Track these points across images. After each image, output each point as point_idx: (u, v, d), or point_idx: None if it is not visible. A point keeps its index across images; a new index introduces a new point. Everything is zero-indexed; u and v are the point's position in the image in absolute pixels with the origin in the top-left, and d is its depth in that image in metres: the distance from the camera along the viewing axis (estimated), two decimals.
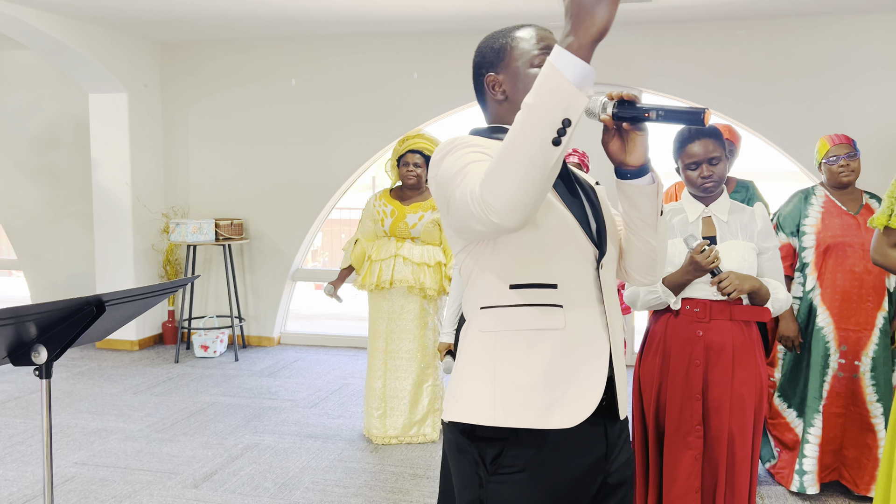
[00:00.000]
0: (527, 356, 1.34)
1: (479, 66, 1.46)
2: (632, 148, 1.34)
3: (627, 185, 1.38)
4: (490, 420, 1.33)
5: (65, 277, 6.53)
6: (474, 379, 1.37)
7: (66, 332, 1.75)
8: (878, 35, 4.94)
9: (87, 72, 5.63)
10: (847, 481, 3.18)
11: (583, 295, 1.37)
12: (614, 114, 1.29)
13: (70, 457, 3.74)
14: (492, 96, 1.44)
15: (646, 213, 1.40)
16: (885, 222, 2.29)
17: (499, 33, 1.45)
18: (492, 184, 1.15)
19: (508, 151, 1.13)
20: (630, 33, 5.32)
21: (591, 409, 1.34)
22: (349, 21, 5.27)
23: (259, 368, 5.48)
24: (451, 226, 1.32)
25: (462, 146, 1.33)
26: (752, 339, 2.33)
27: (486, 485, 1.36)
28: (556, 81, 1.10)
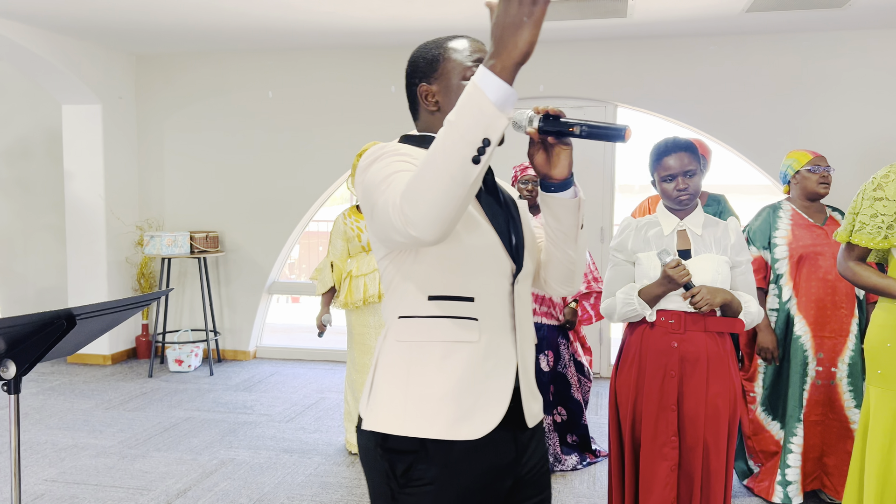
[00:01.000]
0: (440, 367, 1.37)
1: (412, 76, 1.47)
2: (556, 161, 1.37)
3: (551, 198, 1.42)
4: (400, 430, 1.36)
5: (36, 291, 6.43)
6: (388, 389, 1.39)
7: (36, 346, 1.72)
8: (845, 53, 5.05)
9: (60, 83, 5.58)
10: (829, 489, 3.21)
11: (497, 309, 1.41)
12: (540, 127, 1.33)
13: (40, 474, 3.67)
14: (424, 106, 1.46)
15: (567, 225, 1.44)
16: (847, 238, 2.36)
17: (432, 43, 1.46)
18: (412, 197, 1.16)
19: (429, 166, 1.14)
20: (604, 49, 5.39)
21: (496, 421, 1.38)
22: (326, 34, 5.28)
23: (234, 383, 5.43)
24: (374, 233, 1.35)
25: (389, 154, 1.35)
26: (725, 350, 2.37)
27: (398, 497, 1.39)
28: (478, 101, 1.11)
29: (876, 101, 5.04)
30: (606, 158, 5.52)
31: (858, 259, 2.37)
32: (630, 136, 1.26)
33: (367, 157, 1.38)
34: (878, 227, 2.25)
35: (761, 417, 3.34)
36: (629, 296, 2.36)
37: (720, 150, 5.40)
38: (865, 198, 2.30)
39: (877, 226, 2.26)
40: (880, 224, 2.25)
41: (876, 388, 2.29)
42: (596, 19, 4.73)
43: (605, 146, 5.51)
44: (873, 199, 2.27)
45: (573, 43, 5.43)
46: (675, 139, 2.40)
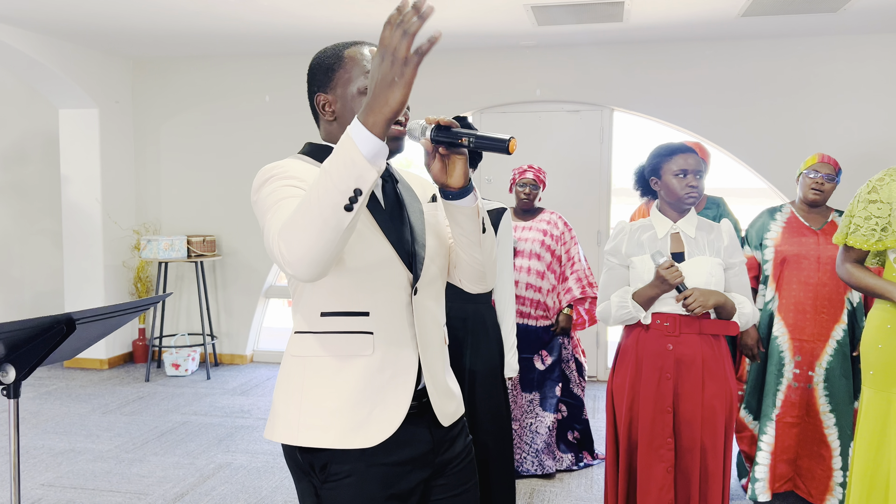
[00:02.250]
0: (334, 381, 1.40)
1: (311, 85, 1.47)
2: (451, 170, 1.38)
3: (450, 205, 1.43)
4: (295, 441, 1.40)
5: (32, 295, 6.41)
6: (285, 400, 1.43)
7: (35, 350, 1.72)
8: (841, 57, 5.08)
9: (56, 87, 5.57)
10: (802, 491, 3.24)
11: (394, 321, 1.43)
12: (432, 137, 1.35)
13: (37, 478, 3.66)
14: (322, 116, 1.47)
15: (469, 230, 1.46)
16: (843, 240, 2.39)
17: (329, 51, 1.46)
18: (287, 237, 1.19)
19: (304, 210, 1.18)
20: (601, 53, 5.40)
21: (392, 430, 1.40)
22: (323, 38, 5.29)
23: (231, 387, 5.42)
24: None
25: (280, 177, 1.36)
26: (721, 352, 2.38)
27: (321, 492, 1.43)
28: (351, 154, 1.15)
29: (871, 105, 5.06)
30: (603, 163, 5.54)
31: (856, 262, 2.40)
32: (514, 149, 1.31)
33: (260, 176, 1.39)
34: (872, 229, 2.29)
35: (742, 416, 3.37)
36: (624, 299, 2.37)
37: (717, 154, 5.42)
38: (860, 200, 2.34)
39: (871, 228, 2.29)
40: (874, 226, 2.28)
41: (868, 389, 2.33)
42: (592, 23, 4.75)
43: (602, 150, 5.53)
44: (867, 202, 2.30)
45: (570, 47, 5.45)
46: (676, 142, 2.43)
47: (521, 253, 3.64)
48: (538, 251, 3.64)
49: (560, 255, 3.71)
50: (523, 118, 5.61)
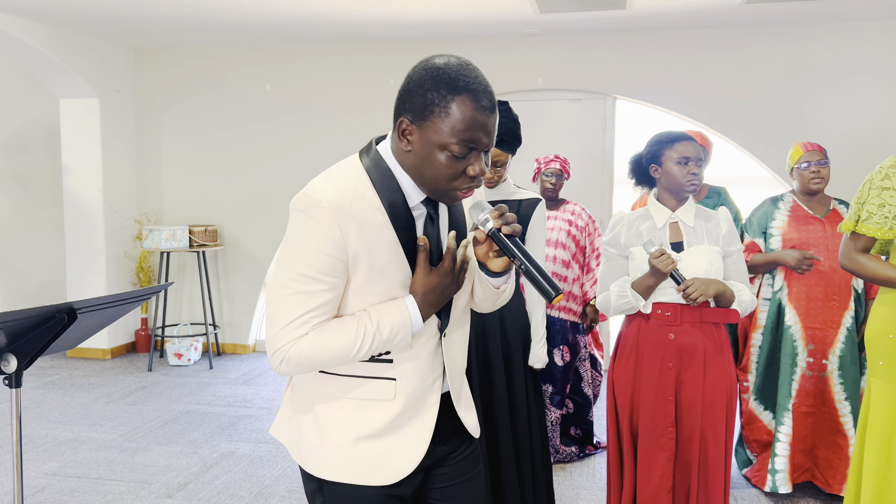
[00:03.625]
0: (354, 420, 1.41)
1: (402, 101, 1.33)
2: (493, 261, 1.39)
3: (482, 275, 1.46)
4: (317, 472, 1.43)
5: (34, 285, 6.42)
6: (308, 431, 1.45)
7: (37, 340, 1.72)
8: (845, 44, 5.05)
9: (57, 76, 5.56)
10: (819, 481, 3.23)
11: (418, 367, 1.43)
12: (490, 233, 1.34)
13: (40, 467, 3.68)
14: (399, 138, 1.35)
15: (489, 295, 1.50)
16: (853, 227, 2.32)
17: (440, 84, 1.28)
18: (299, 366, 1.35)
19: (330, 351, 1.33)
20: (603, 41, 5.37)
21: (411, 468, 1.42)
22: (325, 27, 5.27)
23: (234, 376, 5.43)
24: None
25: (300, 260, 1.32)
26: (721, 340, 2.38)
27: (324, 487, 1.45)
28: (404, 333, 1.36)
29: (875, 91, 5.03)
30: (605, 151, 5.52)
31: (863, 250, 2.33)
32: (553, 305, 1.34)
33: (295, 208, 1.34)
34: (885, 216, 2.22)
35: (753, 407, 3.36)
36: (623, 289, 2.36)
37: (720, 142, 5.39)
38: (873, 187, 2.26)
39: (884, 216, 2.22)
40: (887, 214, 2.21)
41: (877, 380, 2.27)
42: (595, 11, 4.71)
43: (605, 138, 5.51)
44: (881, 189, 2.23)
45: (572, 35, 5.42)
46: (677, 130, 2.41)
47: (547, 242, 3.64)
48: (564, 241, 3.64)
49: (584, 246, 3.72)
50: (525, 106, 5.59)
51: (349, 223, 1.31)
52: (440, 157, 1.30)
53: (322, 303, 1.33)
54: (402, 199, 1.37)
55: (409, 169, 1.36)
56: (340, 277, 1.33)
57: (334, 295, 1.34)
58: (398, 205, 1.36)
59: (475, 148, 1.30)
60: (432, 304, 1.37)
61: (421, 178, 1.34)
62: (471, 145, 1.29)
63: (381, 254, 1.34)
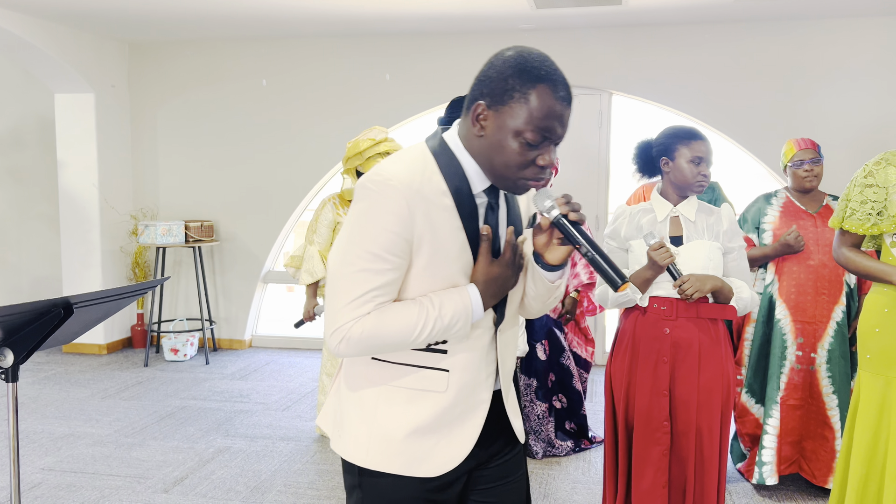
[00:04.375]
0: (405, 411, 1.39)
1: (480, 86, 1.33)
2: (553, 251, 1.40)
3: (535, 269, 1.44)
4: (362, 462, 1.41)
5: (30, 280, 6.41)
6: (355, 422, 1.43)
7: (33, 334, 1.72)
8: (840, 40, 5.06)
9: (52, 71, 5.54)
10: (806, 473, 3.26)
11: (472, 360, 1.42)
12: (554, 221, 1.34)
13: (37, 462, 3.68)
14: (472, 123, 1.35)
15: (541, 292, 1.47)
16: (839, 224, 2.39)
17: (523, 70, 1.30)
18: (359, 348, 1.33)
19: (390, 337, 1.32)
20: (600, 36, 5.37)
21: (458, 461, 1.41)
22: (321, 21, 5.26)
23: (230, 371, 5.44)
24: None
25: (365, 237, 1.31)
26: (718, 336, 2.38)
27: (362, 480, 1.44)
28: (464, 322, 1.35)
29: (870, 88, 5.04)
30: (601, 145, 5.53)
31: (852, 246, 2.40)
32: (622, 291, 1.35)
33: (363, 187, 1.33)
34: (868, 213, 2.28)
35: (745, 400, 3.38)
36: None
37: (714, 137, 5.41)
38: (856, 185, 2.33)
39: (866, 212, 2.28)
40: (870, 210, 2.28)
41: (865, 373, 2.32)
42: (591, 6, 4.71)
43: (601, 134, 5.52)
44: (864, 186, 2.30)
45: (568, 30, 5.42)
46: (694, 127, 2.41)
47: None
48: None
49: None
50: None
51: (417, 203, 1.31)
52: (513, 144, 1.30)
53: (386, 282, 1.32)
54: (468, 186, 1.37)
55: (477, 155, 1.36)
56: (404, 258, 1.32)
57: (397, 276, 1.33)
58: (463, 191, 1.36)
59: (549, 138, 1.31)
60: (493, 295, 1.37)
61: (489, 165, 1.35)
62: (546, 134, 1.30)
63: (444, 238, 1.34)
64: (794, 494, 3.30)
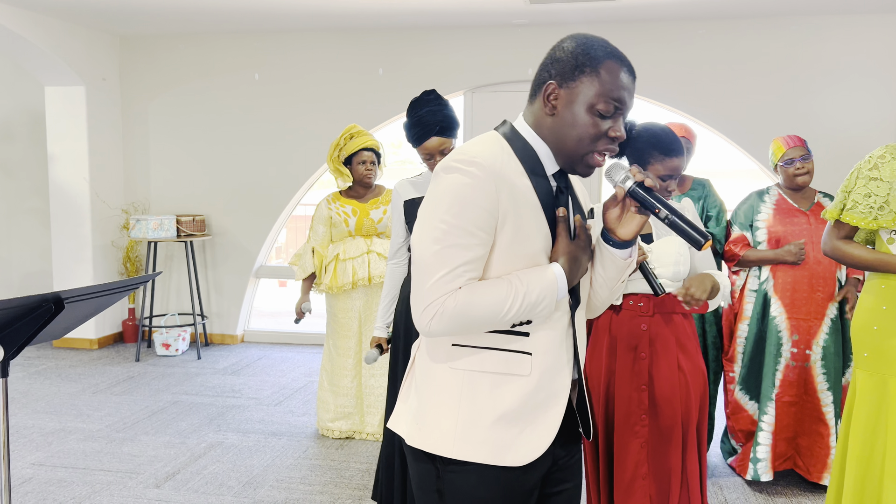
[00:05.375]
0: (490, 397, 1.39)
1: (550, 66, 1.39)
2: (626, 223, 1.42)
3: (606, 250, 1.46)
4: (448, 452, 1.39)
5: (20, 275, 6.37)
6: (440, 411, 1.42)
7: (24, 329, 1.71)
8: (835, 37, 5.07)
9: (42, 64, 5.50)
10: (801, 469, 3.27)
11: (553, 342, 1.42)
12: (630, 191, 1.37)
13: (27, 458, 3.66)
14: (542, 104, 1.40)
15: (611, 277, 1.49)
16: (837, 216, 2.34)
17: (589, 47, 1.37)
18: (449, 327, 1.32)
19: (480, 317, 1.32)
20: (594, 32, 5.37)
21: (542, 450, 1.40)
22: (314, 15, 5.24)
23: (222, 366, 5.42)
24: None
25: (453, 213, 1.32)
26: (692, 330, 2.43)
27: (444, 475, 1.42)
28: (549, 302, 1.35)
29: (864, 84, 5.07)
30: None
31: (845, 238, 2.35)
32: (706, 249, 1.36)
33: (447, 167, 1.35)
34: (871, 207, 2.23)
35: (739, 397, 3.39)
36: None
37: (707, 134, 5.42)
38: (860, 177, 2.27)
39: (869, 206, 2.23)
40: (872, 204, 2.23)
41: (862, 371, 2.30)
42: (585, 2, 4.71)
43: None
44: (868, 179, 2.24)
45: (562, 26, 5.42)
46: (675, 135, 2.30)
47: None
48: None
49: None
50: (515, 97, 5.59)
51: (501, 180, 1.34)
52: (586, 118, 1.36)
53: (474, 257, 1.33)
54: (542, 168, 1.41)
55: (549, 135, 1.40)
56: (490, 234, 1.34)
57: (484, 252, 1.34)
58: (539, 172, 1.41)
59: (619, 108, 1.36)
60: (574, 273, 1.39)
61: (562, 143, 1.39)
62: (617, 104, 1.36)
63: (525, 216, 1.36)
64: (786, 490, 3.32)
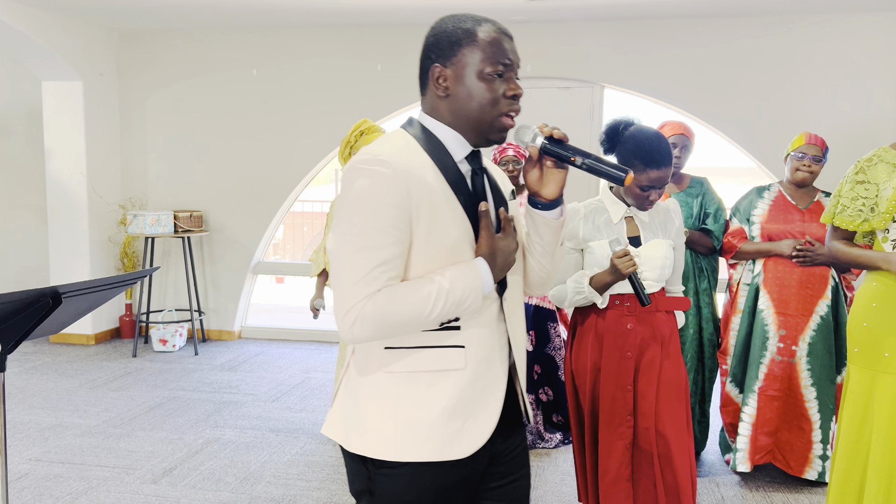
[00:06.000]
0: (428, 395, 1.38)
1: (429, 51, 1.41)
2: (548, 182, 1.42)
3: (536, 215, 1.46)
4: (392, 455, 1.38)
5: (17, 270, 6.36)
6: (379, 414, 1.40)
7: (21, 324, 1.71)
8: (834, 36, 5.08)
9: (39, 59, 5.48)
10: (780, 463, 3.29)
11: (485, 332, 1.42)
12: (543, 147, 1.36)
13: (24, 453, 3.66)
14: (433, 89, 1.41)
15: (547, 241, 1.49)
16: (830, 220, 2.43)
17: (459, 22, 1.40)
18: (373, 332, 1.31)
19: (404, 319, 1.31)
20: (592, 29, 5.37)
21: (484, 439, 1.41)
22: (312, 11, 5.22)
23: (219, 362, 5.42)
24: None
25: (374, 212, 1.31)
26: (674, 328, 2.43)
27: (374, 477, 1.41)
28: (475, 296, 1.35)
29: (862, 83, 5.07)
30: (592, 140, 5.53)
31: (843, 240, 2.43)
32: (630, 182, 1.35)
33: (353, 169, 1.34)
34: (859, 209, 2.31)
35: (729, 390, 3.40)
36: (580, 284, 2.35)
37: (705, 132, 5.42)
38: (848, 181, 2.36)
39: (857, 209, 2.31)
40: (861, 207, 2.31)
41: (853, 367, 2.35)
42: None
43: (592, 127, 5.52)
44: (855, 183, 2.33)
45: (561, 23, 5.41)
46: (663, 145, 2.28)
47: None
48: None
49: None
50: None
51: (408, 176, 1.33)
52: (479, 85, 1.37)
53: (390, 256, 1.32)
54: (450, 156, 1.41)
55: (450, 115, 1.41)
56: (405, 231, 1.33)
57: (400, 250, 1.33)
58: (447, 162, 1.40)
59: (507, 65, 1.38)
60: (500, 267, 1.38)
61: (466, 117, 1.39)
62: (504, 61, 1.37)
63: (440, 207, 1.36)
64: (782, 487, 3.33)
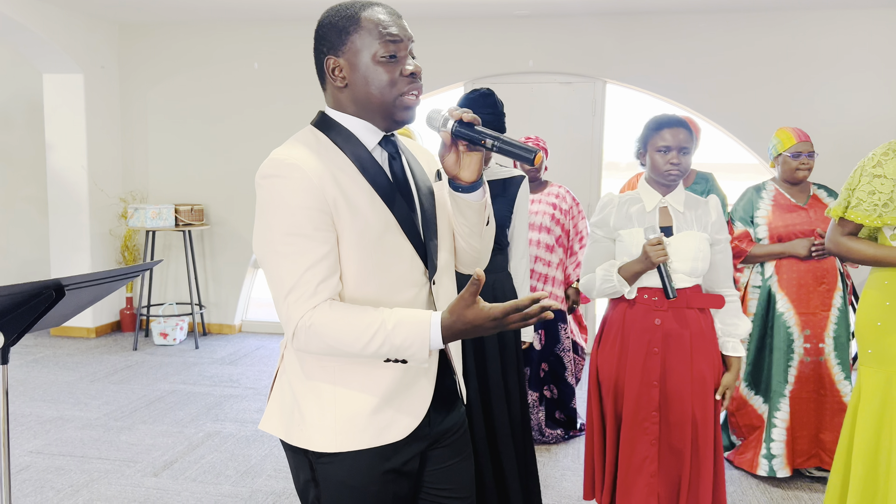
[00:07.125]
0: (364, 385, 1.39)
1: (321, 44, 1.39)
2: (466, 165, 1.40)
3: (458, 198, 1.45)
4: (332, 447, 1.38)
5: (18, 263, 6.35)
6: (317, 408, 1.40)
7: (24, 316, 1.70)
8: (835, 32, 5.06)
9: (40, 51, 5.47)
10: (827, 465, 3.24)
11: None
12: (454, 131, 1.35)
13: (25, 445, 3.66)
14: (331, 81, 1.40)
15: (472, 222, 1.48)
16: (841, 213, 2.34)
17: (343, 12, 1.38)
18: (319, 329, 1.29)
19: (347, 345, 1.30)
20: (594, 24, 5.35)
21: (419, 420, 1.42)
22: (313, 4, 5.21)
23: (220, 356, 5.42)
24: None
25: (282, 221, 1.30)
26: (708, 325, 2.38)
27: (317, 466, 1.42)
28: (421, 350, 1.30)
29: (863, 79, 5.06)
30: (594, 136, 5.52)
31: (849, 235, 2.35)
32: (539, 162, 1.33)
33: (263, 176, 1.33)
34: (875, 204, 2.23)
35: (744, 392, 3.39)
36: (609, 273, 2.34)
37: (708, 128, 5.41)
38: (864, 174, 2.27)
39: (873, 203, 2.24)
40: (876, 202, 2.23)
41: (866, 368, 2.29)
42: None
43: (594, 123, 5.51)
44: (872, 176, 2.24)
45: (564, 18, 5.40)
46: (674, 115, 2.37)
47: (531, 226, 3.64)
48: (548, 224, 3.64)
49: (569, 230, 3.73)
50: (515, 89, 5.57)
51: (321, 173, 1.32)
52: (375, 68, 1.36)
53: (317, 258, 1.30)
54: (362, 146, 1.40)
55: (353, 105, 1.39)
56: (329, 229, 1.32)
57: (328, 248, 1.31)
58: (360, 152, 1.39)
59: (399, 41, 1.36)
60: (458, 333, 1.30)
61: (368, 103, 1.38)
62: (394, 40, 1.35)
63: (358, 198, 1.34)
64: (782, 483, 3.32)
